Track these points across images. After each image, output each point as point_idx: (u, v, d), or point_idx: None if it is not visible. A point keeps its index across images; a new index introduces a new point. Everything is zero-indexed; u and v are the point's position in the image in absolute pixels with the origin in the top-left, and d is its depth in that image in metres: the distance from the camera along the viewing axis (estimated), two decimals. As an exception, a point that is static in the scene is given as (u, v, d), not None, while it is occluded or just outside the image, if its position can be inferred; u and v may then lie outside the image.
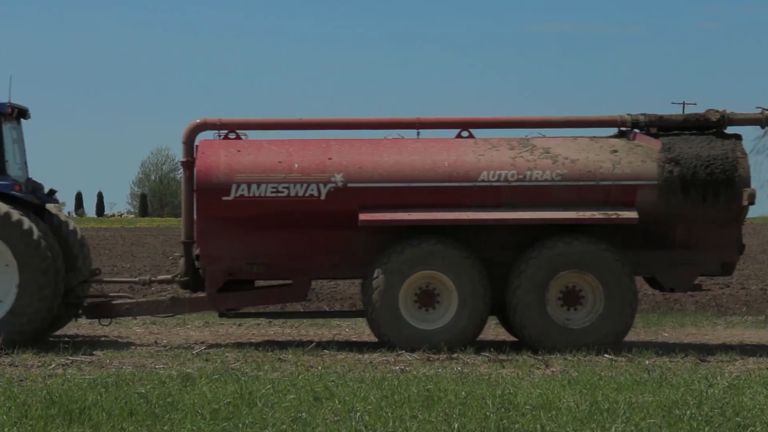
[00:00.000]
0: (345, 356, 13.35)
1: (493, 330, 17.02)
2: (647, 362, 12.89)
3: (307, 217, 14.00)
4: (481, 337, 15.89)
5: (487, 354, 13.42)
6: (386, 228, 14.04)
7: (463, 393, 10.07)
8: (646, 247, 14.34)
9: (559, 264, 13.94)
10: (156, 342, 15.00)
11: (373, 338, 15.55)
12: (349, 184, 13.99)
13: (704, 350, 14.22)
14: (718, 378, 11.30)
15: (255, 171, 14.02)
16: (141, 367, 12.21)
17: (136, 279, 16.08)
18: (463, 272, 13.91)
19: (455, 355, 13.34)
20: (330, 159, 14.10)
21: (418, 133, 14.74)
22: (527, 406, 9.40)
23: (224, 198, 13.93)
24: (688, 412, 9.15)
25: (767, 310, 19.84)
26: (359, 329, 17.19)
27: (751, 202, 13.99)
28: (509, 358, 13.21)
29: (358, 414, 9.03)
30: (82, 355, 13.23)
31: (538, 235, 14.09)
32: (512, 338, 15.08)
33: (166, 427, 8.63)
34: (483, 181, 14.05)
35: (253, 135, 14.83)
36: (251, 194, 13.94)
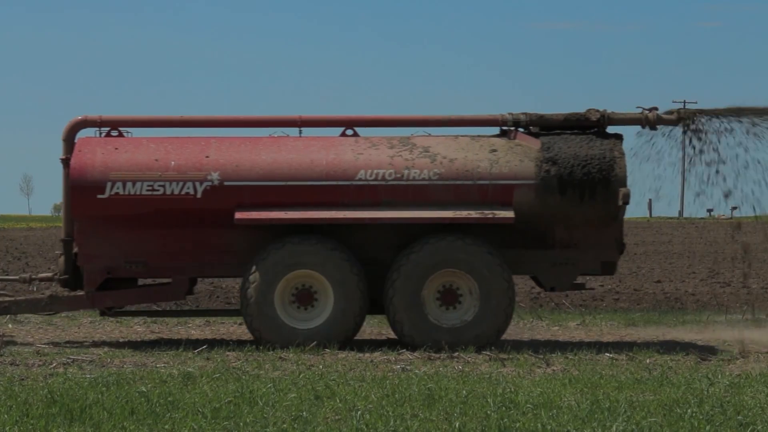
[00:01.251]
0: (346, 355, 13.36)
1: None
2: (648, 361, 12.89)
3: (184, 215, 14.03)
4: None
5: (488, 353, 13.42)
6: (265, 226, 14.05)
7: (464, 392, 10.08)
8: (526, 247, 14.35)
9: (435, 263, 13.94)
10: (157, 341, 14.99)
11: (374, 337, 15.55)
12: (226, 183, 14.00)
13: (705, 349, 14.22)
14: (719, 377, 11.30)
15: (131, 169, 14.03)
16: (142, 366, 12.21)
17: (17, 277, 15.91)
18: (340, 271, 13.91)
19: (456, 354, 13.34)
20: (207, 157, 14.13)
21: (300, 131, 14.70)
22: (528, 405, 9.41)
23: (99, 196, 13.94)
24: (689, 410, 9.15)
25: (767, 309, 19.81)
26: (360, 328, 17.18)
27: (626, 202, 13.96)
28: (510, 356, 13.20)
29: (359, 413, 9.04)
30: (83, 353, 13.23)
31: (417, 234, 14.08)
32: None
33: (167, 426, 8.63)
34: (360, 179, 14.07)
35: (149, 133, 14.76)
36: (126, 192, 13.94)
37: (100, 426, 8.65)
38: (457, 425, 8.60)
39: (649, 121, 14.68)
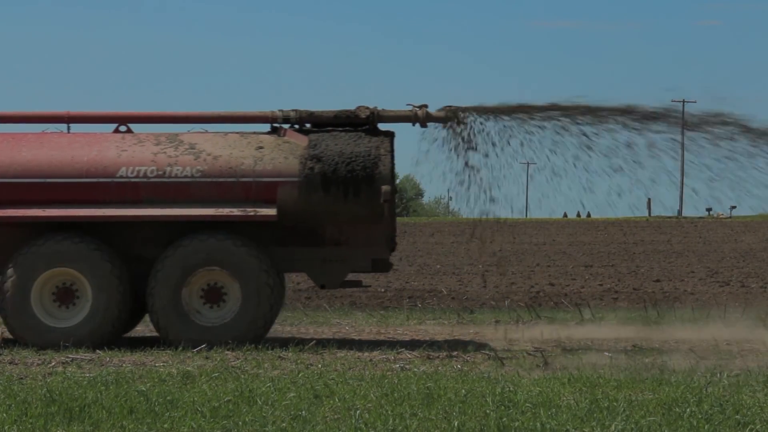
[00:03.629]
0: (345, 354, 13.36)
1: (494, 327, 17.03)
2: (647, 360, 12.89)
3: None
4: (481, 336, 15.90)
5: (487, 352, 13.42)
6: (28, 224, 13.99)
7: (463, 391, 10.07)
8: (296, 244, 14.26)
9: (196, 261, 13.91)
10: (156, 339, 14.98)
11: (374, 336, 15.56)
12: None
13: (704, 348, 14.21)
14: (718, 376, 11.29)
15: None
16: (141, 365, 12.21)
17: None
18: (98, 270, 13.86)
19: (455, 353, 13.34)
20: None
21: (69, 128, 14.68)
22: (527, 404, 9.40)
23: None
24: (688, 409, 9.14)
25: (767, 308, 19.83)
26: (359, 327, 17.20)
27: (386, 200, 13.90)
28: (509, 356, 13.21)
29: (358, 412, 9.03)
30: (82, 353, 13.23)
31: (184, 233, 14.03)
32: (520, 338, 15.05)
33: (166, 425, 8.63)
34: (122, 177, 14.04)
35: None
36: None
37: (99, 425, 8.65)
38: (456, 424, 8.59)
39: (419, 118, 14.65)
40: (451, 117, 14.68)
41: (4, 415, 8.90)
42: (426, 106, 14.68)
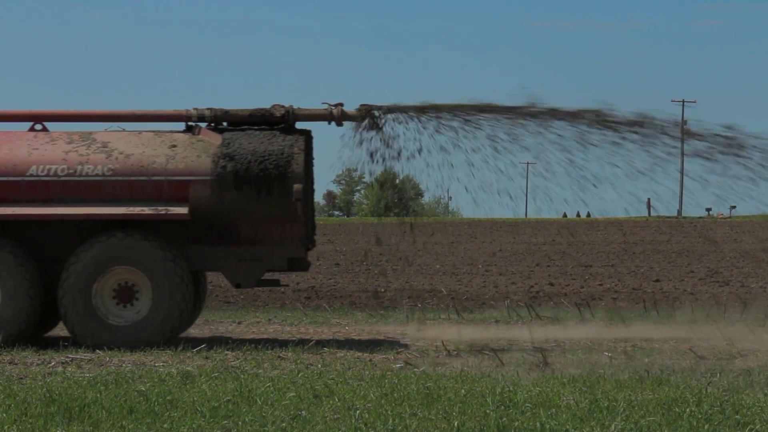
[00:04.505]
0: (345, 354, 13.36)
1: (493, 327, 17.02)
2: (646, 360, 12.89)
3: None
4: (476, 336, 15.89)
5: (486, 352, 13.41)
6: None
7: (463, 391, 10.07)
8: (211, 243, 14.25)
9: (107, 260, 13.89)
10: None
11: (373, 336, 15.54)
12: None
13: (703, 348, 14.21)
14: (718, 376, 11.30)
15: None
16: (140, 365, 12.22)
17: None
18: (8, 269, 13.85)
19: (455, 353, 13.33)
20: None
21: None
22: (527, 404, 9.41)
23: None
24: (687, 409, 9.15)
25: (767, 308, 19.82)
26: (359, 327, 17.20)
27: (298, 198, 13.85)
28: (509, 356, 13.21)
29: (358, 412, 9.04)
30: (82, 353, 13.23)
31: (96, 231, 14.00)
32: (511, 338, 15.04)
33: (165, 425, 8.63)
34: (32, 175, 14.02)
35: None
36: None
37: (99, 425, 8.65)
38: (455, 424, 8.60)
39: (334, 117, 14.67)
40: (366, 115, 14.70)
41: (4, 415, 8.91)
42: (341, 104, 14.72)
